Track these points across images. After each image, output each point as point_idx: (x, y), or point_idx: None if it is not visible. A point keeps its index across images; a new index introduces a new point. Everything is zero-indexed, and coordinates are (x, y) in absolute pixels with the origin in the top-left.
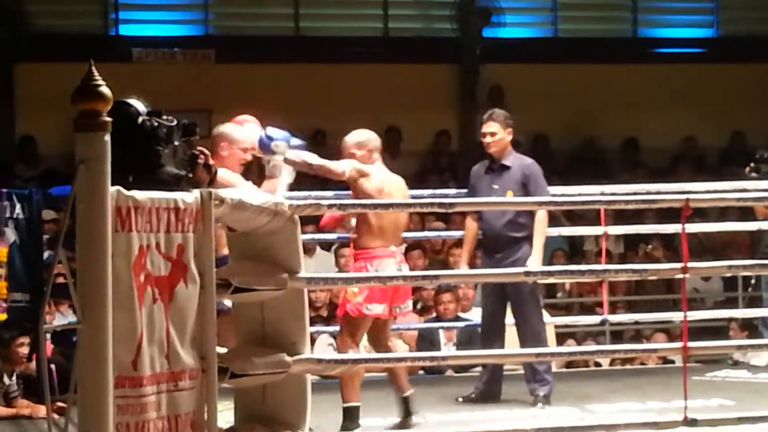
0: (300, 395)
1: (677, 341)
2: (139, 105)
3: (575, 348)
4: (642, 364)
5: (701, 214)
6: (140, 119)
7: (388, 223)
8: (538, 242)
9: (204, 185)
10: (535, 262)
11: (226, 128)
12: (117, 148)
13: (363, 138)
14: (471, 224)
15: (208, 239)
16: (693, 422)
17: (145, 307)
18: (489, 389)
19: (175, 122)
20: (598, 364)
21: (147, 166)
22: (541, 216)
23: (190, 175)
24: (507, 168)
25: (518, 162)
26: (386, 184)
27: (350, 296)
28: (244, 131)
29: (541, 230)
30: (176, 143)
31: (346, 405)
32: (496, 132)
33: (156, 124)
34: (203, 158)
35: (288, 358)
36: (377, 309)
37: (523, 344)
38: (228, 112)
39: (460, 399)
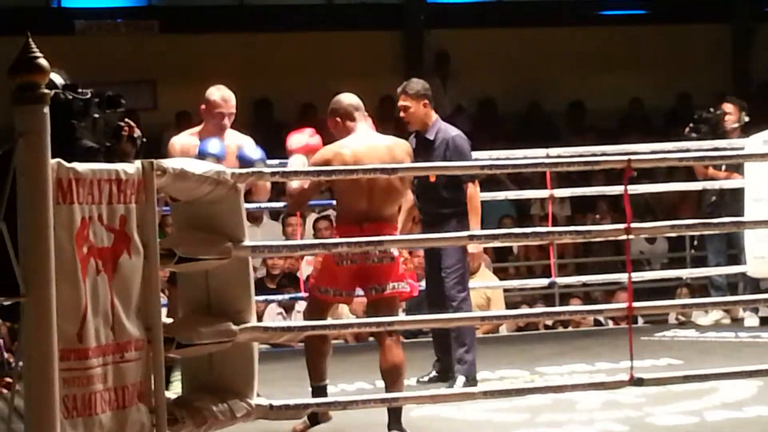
0: (247, 363)
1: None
2: (57, 78)
3: (519, 311)
4: (578, 325)
5: (649, 176)
6: (52, 92)
7: (360, 194)
8: (474, 221)
9: (130, 158)
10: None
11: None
12: None
13: (334, 105)
14: (409, 195)
15: (150, 209)
16: (639, 381)
17: (89, 278)
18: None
19: (89, 94)
20: (548, 327)
21: (61, 140)
22: (471, 193)
23: (114, 147)
24: (430, 142)
25: (441, 135)
26: (360, 155)
27: (312, 274)
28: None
29: (474, 209)
30: (96, 115)
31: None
32: (408, 106)
33: (70, 97)
34: (127, 130)
35: (234, 327)
36: (329, 293)
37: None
38: (172, 83)
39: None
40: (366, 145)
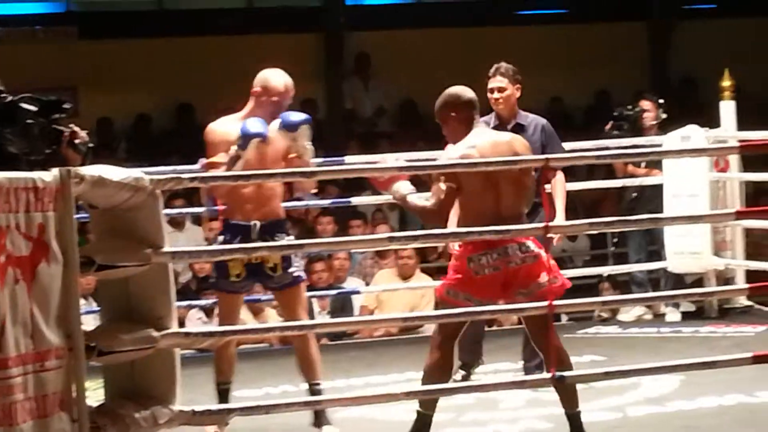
0: (169, 370)
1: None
2: None
3: (441, 312)
4: (499, 325)
5: (570, 174)
6: None
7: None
8: (560, 204)
9: (75, 163)
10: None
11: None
12: None
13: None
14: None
15: (69, 217)
16: (561, 379)
17: (7, 287)
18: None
19: (9, 98)
20: None
21: None
22: (562, 179)
23: (56, 154)
24: (521, 128)
25: (533, 121)
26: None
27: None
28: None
29: (564, 195)
30: (29, 122)
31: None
32: (504, 87)
33: None
34: (67, 136)
35: (155, 333)
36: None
37: None
38: (93, 89)
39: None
40: None
